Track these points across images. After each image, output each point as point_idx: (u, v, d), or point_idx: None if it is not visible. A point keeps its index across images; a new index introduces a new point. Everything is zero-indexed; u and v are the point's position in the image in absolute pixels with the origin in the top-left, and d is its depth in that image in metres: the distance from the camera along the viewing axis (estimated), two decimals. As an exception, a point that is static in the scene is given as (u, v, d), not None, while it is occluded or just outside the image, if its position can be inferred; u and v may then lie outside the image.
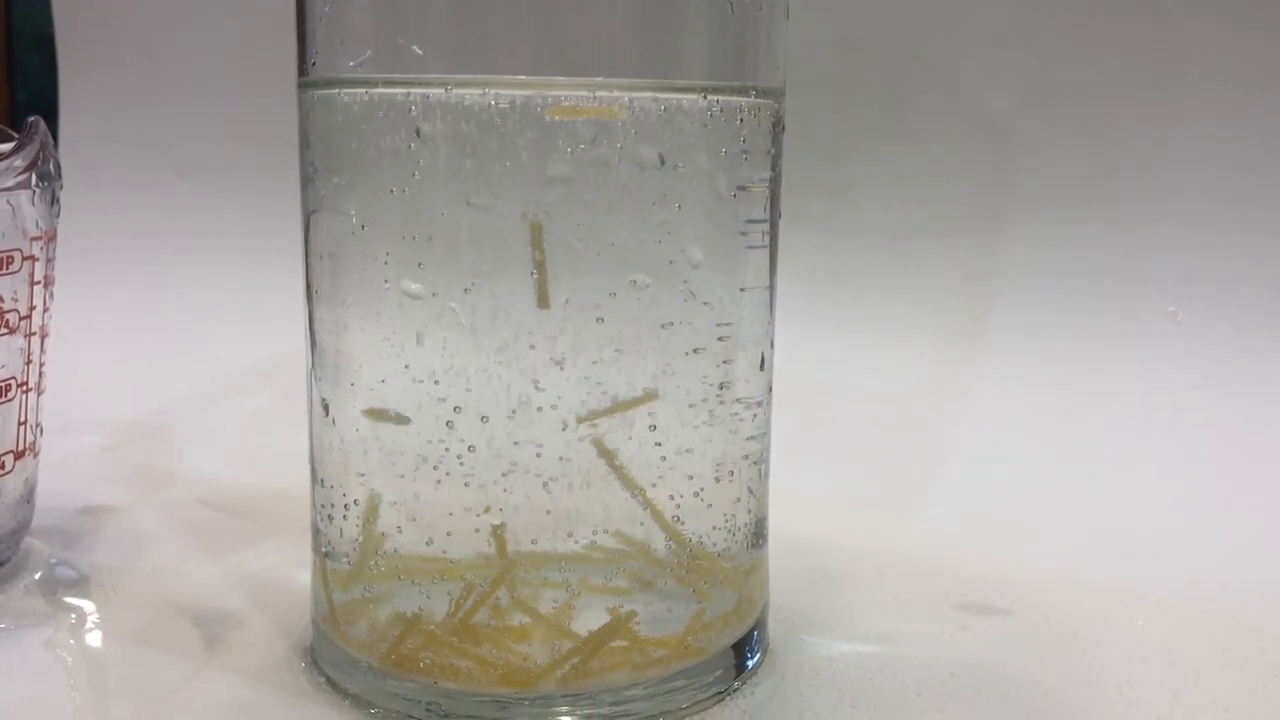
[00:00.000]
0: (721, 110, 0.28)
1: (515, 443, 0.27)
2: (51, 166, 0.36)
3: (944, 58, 0.56)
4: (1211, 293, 0.53)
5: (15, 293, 0.36)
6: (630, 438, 0.28)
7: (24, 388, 0.37)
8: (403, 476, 0.28)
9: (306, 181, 0.29)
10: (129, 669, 0.32)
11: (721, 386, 0.29)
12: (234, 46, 0.69)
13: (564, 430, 0.27)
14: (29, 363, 0.37)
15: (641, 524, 0.28)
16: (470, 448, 0.27)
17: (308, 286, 0.30)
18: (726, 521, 0.30)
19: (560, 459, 0.27)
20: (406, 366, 0.27)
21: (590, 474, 0.27)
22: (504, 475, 0.27)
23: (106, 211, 0.71)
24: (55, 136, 0.73)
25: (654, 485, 0.28)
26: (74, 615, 0.35)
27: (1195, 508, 0.46)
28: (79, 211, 0.70)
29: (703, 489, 0.29)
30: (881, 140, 0.58)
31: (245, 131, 0.67)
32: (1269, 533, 0.44)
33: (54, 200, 0.36)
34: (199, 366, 0.62)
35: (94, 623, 0.35)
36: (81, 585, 0.37)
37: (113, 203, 0.71)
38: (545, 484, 0.27)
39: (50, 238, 0.37)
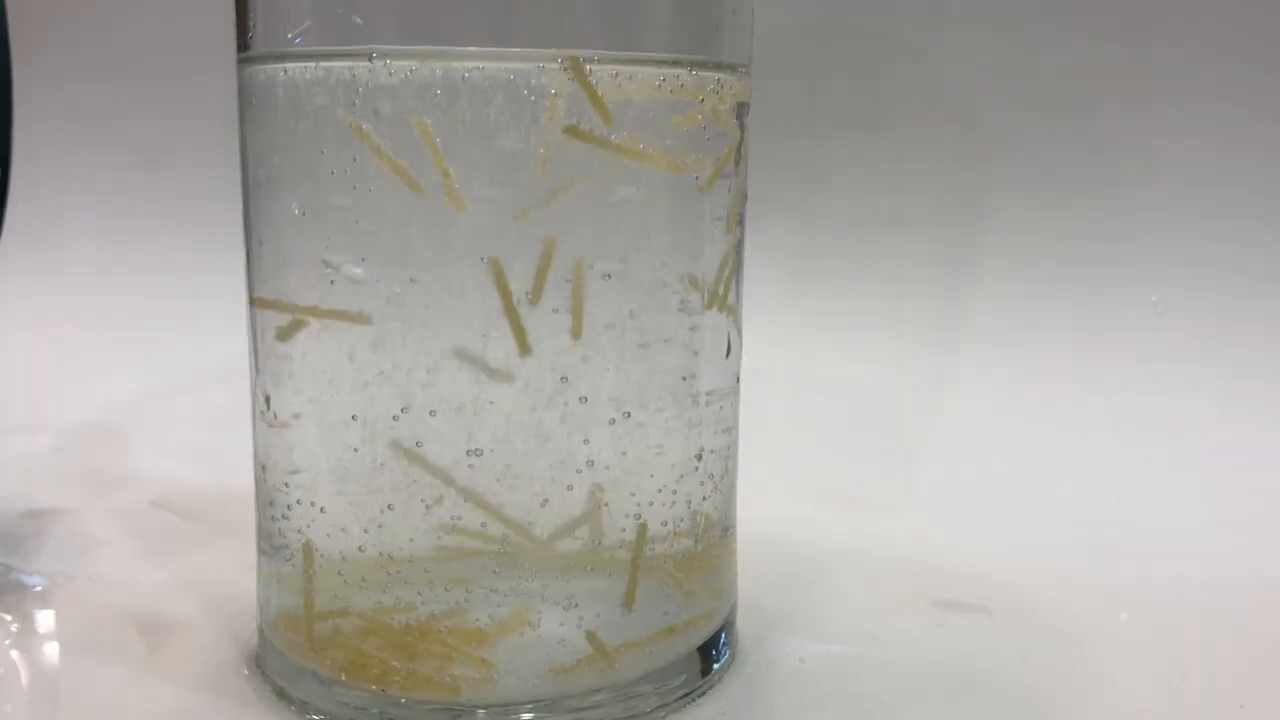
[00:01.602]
0: (684, 86, 0.26)
1: (467, 437, 0.26)
2: (-14, 154, 0.34)
3: (921, 43, 0.55)
4: (1194, 283, 0.53)
5: (-51, 286, 0.34)
6: (592, 430, 0.26)
7: (-40, 385, 0.35)
8: (348, 476, 0.26)
9: (246, 164, 0.28)
10: (68, 677, 0.31)
11: (689, 377, 0.28)
12: (195, 36, 0.67)
13: (518, 426, 0.26)
14: (-35, 359, 0.35)
15: (601, 522, 0.27)
16: (418, 443, 0.26)
17: (248, 276, 0.28)
18: (691, 517, 0.29)
19: (516, 455, 0.26)
20: (350, 359, 0.26)
21: (545, 470, 0.26)
22: (454, 473, 0.26)
23: (58, 207, 0.69)
24: (9, 131, 0.71)
25: (616, 480, 0.27)
26: (14, 622, 0.34)
27: (1178, 501, 0.45)
28: (30, 208, 0.69)
29: (666, 484, 0.28)
30: (858, 128, 0.57)
31: (200, 123, 0.66)
32: (1252, 526, 0.43)
33: (-11, 190, 0.35)
34: (154, 363, 0.60)
35: (34, 630, 0.33)
36: (24, 591, 0.36)
37: (64, 198, 0.70)
38: (498, 479, 0.26)
39: (-14, 228, 0.35)
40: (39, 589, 0.36)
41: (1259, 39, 0.51)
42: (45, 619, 0.34)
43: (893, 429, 0.52)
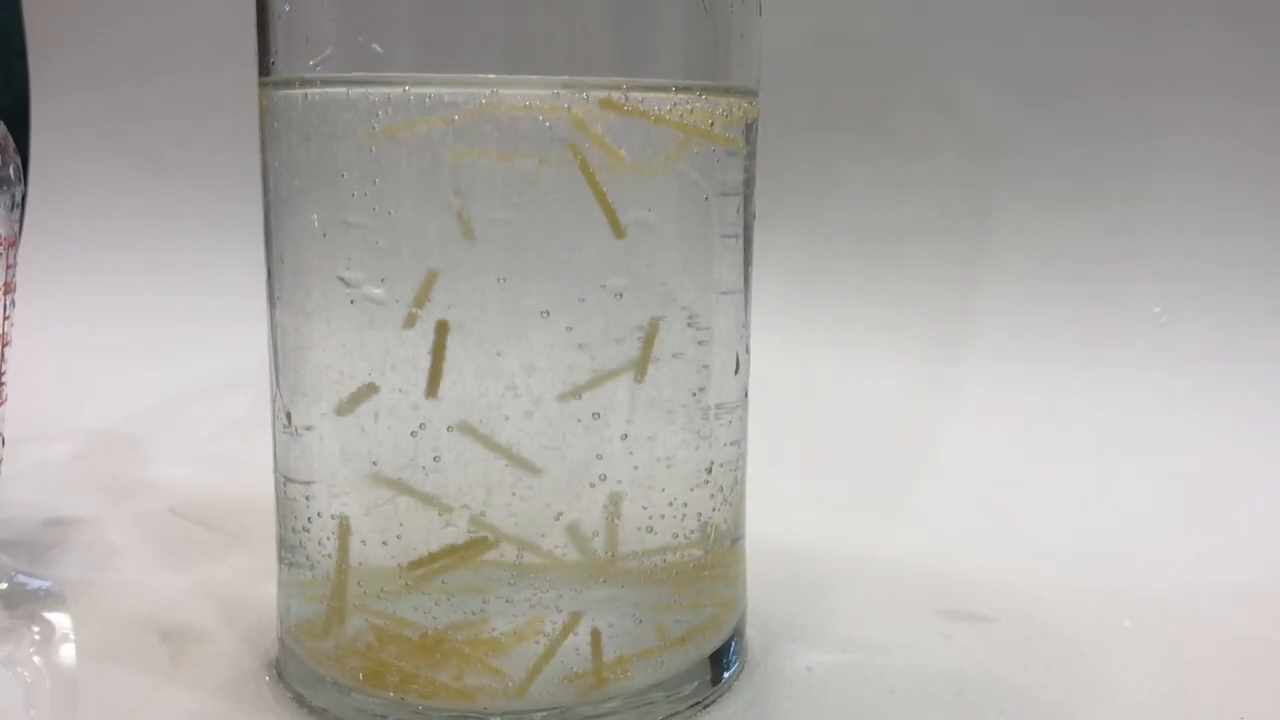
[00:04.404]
0: (694, 110, 0.27)
1: (483, 453, 0.26)
2: (11, 171, 0.35)
3: (929, 55, 0.56)
4: (1197, 294, 0.53)
5: (-25, 300, 0.35)
6: (605, 445, 0.27)
7: (-15, 397, 0.36)
8: (367, 489, 0.27)
9: (267, 184, 0.28)
10: (92, 685, 0.31)
11: (698, 392, 0.28)
12: (207, 48, 0.68)
13: (531, 440, 0.26)
14: (-10, 372, 0.36)
15: (614, 534, 0.28)
16: (436, 458, 0.26)
17: (269, 292, 0.29)
18: (701, 528, 0.29)
19: (529, 469, 0.26)
20: (370, 374, 0.27)
21: (558, 484, 0.27)
22: (471, 486, 0.26)
23: (78, 215, 0.70)
24: (27, 141, 0.72)
25: (628, 495, 0.27)
26: (37, 630, 0.34)
27: (1182, 509, 0.46)
28: (50, 216, 0.69)
29: (677, 496, 0.28)
30: (865, 140, 0.57)
31: (219, 134, 0.66)
32: (1256, 533, 0.43)
33: (14, 205, 0.36)
34: (173, 372, 0.61)
35: (57, 638, 0.34)
36: (46, 599, 0.36)
37: (83, 206, 0.70)
38: (513, 494, 0.27)
39: (10, 244, 0.36)
40: (60, 597, 0.36)
41: (1267, 55, 0.52)
42: (67, 627, 0.34)
43: (898, 439, 0.53)
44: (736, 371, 0.30)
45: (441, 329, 0.26)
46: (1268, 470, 0.48)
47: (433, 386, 0.26)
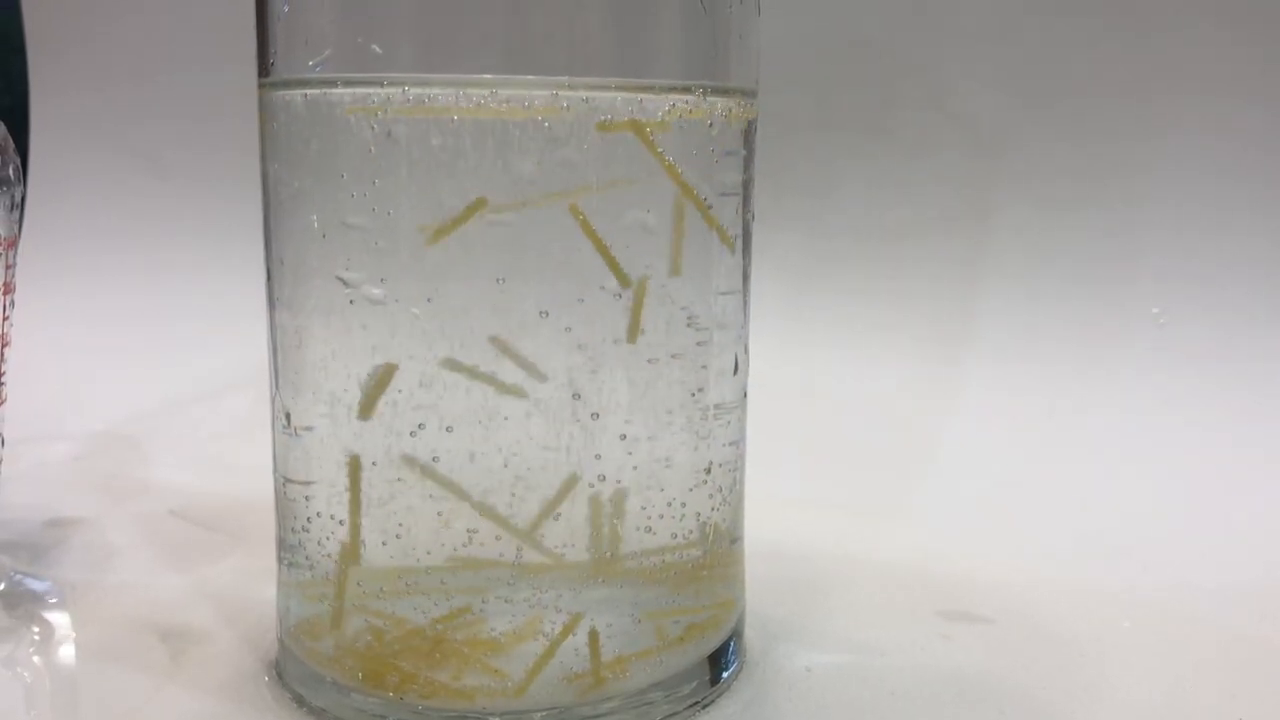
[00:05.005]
0: (693, 110, 0.27)
1: (481, 452, 0.26)
2: (11, 171, 0.35)
3: (929, 56, 0.56)
4: (1197, 294, 0.53)
5: (-25, 301, 0.35)
6: (603, 447, 0.27)
7: (-15, 398, 0.36)
8: (366, 489, 0.27)
9: (266, 185, 0.28)
10: (92, 685, 0.31)
11: (697, 392, 0.29)
12: (207, 48, 0.68)
13: (530, 440, 0.26)
14: (-10, 372, 0.36)
15: (614, 534, 0.28)
16: (435, 458, 0.26)
17: (269, 293, 0.29)
18: (700, 528, 0.29)
19: (529, 469, 0.27)
20: (369, 375, 0.27)
21: (558, 484, 0.27)
22: (470, 485, 0.27)
23: (78, 215, 0.70)
24: (27, 141, 0.72)
25: (628, 495, 0.27)
26: (37, 631, 0.34)
27: (1181, 510, 0.46)
28: (50, 216, 0.69)
29: (675, 496, 0.28)
30: (865, 140, 0.57)
31: (219, 134, 0.66)
32: (1255, 533, 0.43)
33: (14, 206, 0.36)
34: (173, 372, 0.61)
35: (57, 638, 0.34)
36: (46, 599, 0.36)
37: (83, 206, 0.70)
38: (513, 494, 0.27)
39: (10, 244, 0.36)
40: (60, 598, 0.36)
41: (1267, 55, 0.52)
42: (67, 627, 0.34)
43: (898, 439, 0.53)
44: (735, 372, 0.30)
45: (479, 204, 0.26)
46: (1268, 470, 0.48)
47: (440, 235, 0.26)
